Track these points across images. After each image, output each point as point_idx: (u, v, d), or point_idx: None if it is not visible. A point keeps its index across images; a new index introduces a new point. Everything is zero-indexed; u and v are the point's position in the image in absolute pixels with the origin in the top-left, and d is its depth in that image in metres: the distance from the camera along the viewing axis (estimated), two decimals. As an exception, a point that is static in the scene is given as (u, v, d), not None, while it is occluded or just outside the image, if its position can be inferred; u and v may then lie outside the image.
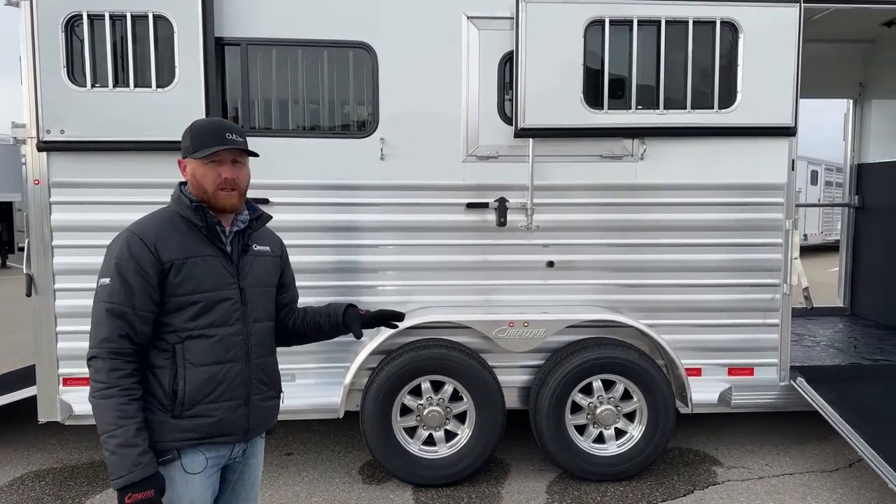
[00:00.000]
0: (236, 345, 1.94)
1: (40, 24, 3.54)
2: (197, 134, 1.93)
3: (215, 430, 1.91)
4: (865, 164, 5.84)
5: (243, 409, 1.96)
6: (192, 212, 1.91)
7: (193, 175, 1.92)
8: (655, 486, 3.82)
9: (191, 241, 1.90)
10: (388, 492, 3.77)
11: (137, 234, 1.85)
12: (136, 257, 1.82)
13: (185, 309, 1.87)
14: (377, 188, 3.83)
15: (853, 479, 3.93)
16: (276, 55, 3.79)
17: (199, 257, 1.89)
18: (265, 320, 2.06)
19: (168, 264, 1.84)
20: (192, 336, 1.87)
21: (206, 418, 1.89)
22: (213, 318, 1.89)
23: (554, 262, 3.92)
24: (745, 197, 3.94)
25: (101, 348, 1.80)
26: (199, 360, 1.88)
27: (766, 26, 3.78)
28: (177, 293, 1.86)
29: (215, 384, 1.89)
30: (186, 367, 1.87)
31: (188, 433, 1.87)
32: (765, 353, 4.03)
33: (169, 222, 1.91)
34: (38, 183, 3.69)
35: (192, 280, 1.87)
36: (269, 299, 2.09)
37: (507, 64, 3.80)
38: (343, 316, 2.22)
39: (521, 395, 3.97)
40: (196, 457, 1.90)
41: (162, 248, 1.84)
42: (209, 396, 1.88)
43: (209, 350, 1.89)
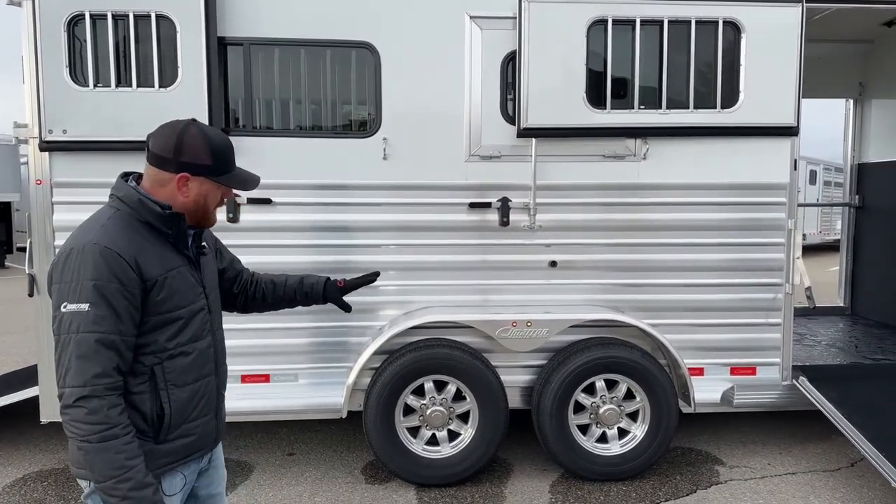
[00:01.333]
0: (210, 357, 1.84)
1: (42, 23, 3.53)
2: (221, 154, 1.76)
3: (195, 447, 1.82)
4: (865, 164, 5.85)
5: (214, 421, 1.89)
6: (164, 220, 1.72)
7: (205, 197, 1.77)
8: (658, 486, 3.82)
9: (163, 252, 1.73)
10: (391, 492, 3.77)
11: (113, 249, 1.61)
12: (118, 276, 1.60)
13: (166, 327, 1.71)
14: (380, 188, 3.83)
15: (855, 479, 3.94)
16: (279, 55, 3.79)
17: (174, 269, 1.73)
18: (221, 325, 1.98)
19: (151, 281, 1.67)
20: (171, 356, 1.73)
21: (188, 437, 1.78)
22: (191, 334, 1.77)
23: (556, 262, 3.92)
24: (747, 196, 3.94)
25: (95, 385, 1.57)
26: (182, 380, 1.75)
27: (768, 26, 3.79)
28: (160, 311, 1.69)
29: (196, 402, 1.80)
30: (169, 389, 1.73)
31: (171, 456, 1.76)
32: (767, 352, 4.03)
33: (135, 231, 1.69)
34: (40, 183, 3.68)
35: (174, 295, 1.72)
36: (220, 301, 2.01)
37: (509, 64, 3.80)
38: (324, 292, 2.20)
39: (523, 394, 3.98)
40: (174, 478, 1.79)
41: (143, 263, 1.65)
42: (191, 415, 1.79)
43: (189, 367, 1.77)
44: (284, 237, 3.81)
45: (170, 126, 1.73)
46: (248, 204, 3.77)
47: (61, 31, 3.55)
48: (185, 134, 1.71)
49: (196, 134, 1.72)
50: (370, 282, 2.34)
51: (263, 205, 3.78)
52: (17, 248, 14.11)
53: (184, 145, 1.71)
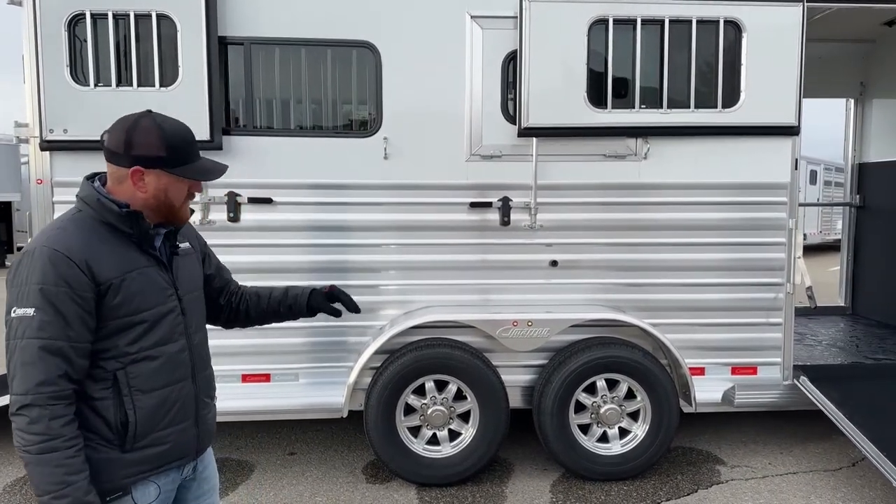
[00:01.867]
0: (182, 362, 1.75)
1: (43, 23, 3.53)
2: (176, 144, 1.66)
3: (169, 456, 1.73)
4: (866, 164, 5.85)
5: (193, 429, 1.79)
6: (122, 219, 1.64)
7: (164, 192, 1.67)
8: (659, 486, 3.82)
9: (123, 253, 1.64)
10: (392, 491, 3.77)
11: (62, 252, 1.54)
12: (67, 280, 1.53)
13: (126, 331, 1.63)
14: (380, 187, 3.83)
15: (856, 478, 3.93)
16: (280, 54, 3.79)
17: (135, 271, 1.64)
18: (202, 328, 1.88)
19: (105, 285, 1.58)
20: (135, 360, 1.64)
21: (160, 446, 1.70)
22: (157, 337, 1.68)
23: (557, 262, 3.92)
24: (748, 196, 3.94)
25: (37, 394, 1.50)
26: (148, 386, 1.66)
27: (769, 25, 3.79)
28: (117, 315, 1.61)
29: (167, 409, 1.70)
30: (134, 395, 1.64)
31: (140, 466, 1.67)
32: (768, 352, 4.03)
33: (94, 234, 1.62)
34: (41, 182, 3.68)
35: (134, 298, 1.63)
36: (202, 302, 1.91)
37: (510, 63, 3.80)
38: (309, 302, 2.09)
39: (524, 394, 3.97)
40: (147, 488, 1.70)
41: (95, 266, 1.57)
42: (162, 422, 1.69)
43: (157, 373, 1.68)
44: (285, 237, 3.81)
45: (122, 120, 1.66)
46: (249, 203, 3.77)
47: (62, 30, 3.55)
48: (136, 126, 1.63)
49: (148, 126, 1.64)
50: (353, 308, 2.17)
51: (264, 204, 3.78)
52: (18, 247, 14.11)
53: (135, 138, 1.63)
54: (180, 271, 1.80)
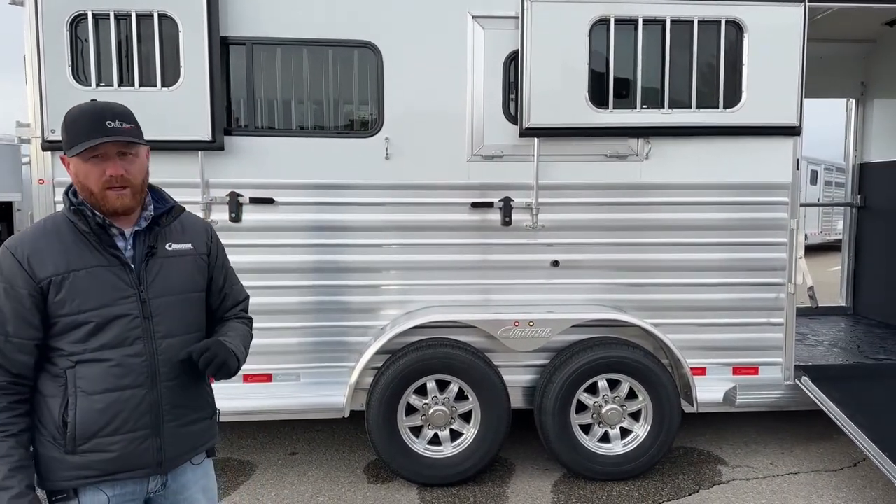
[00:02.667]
0: (136, 368, 1.66)
1: (45, 23, 3.53)
2: (71, 124, 1.62)
3: (115, 466, 1.65)
4: (867, 164, 5.84)
5: (152, 440, 1.69)
6: (75, 215, 1.63)
7: (76, 175, 1.63)
8: (661, 486, 3.82)
9: (75, 251, 1.62)
10: (394, 491, 3.77)
11: (10, 249, 1.58)
12: (7, 276, 1.57)
13: (72, 331, 1.60)
14: (382, 188, 3.83)
15: (858, 479, 3.93)
16: (281, 55, 3.79)
17: (83, 270, 1.61)
18: (183, 333, 1.76)
19: (45, 281, 1.57)
20: (82, 360, 1.61)
21: (104, 453, 1.64)
22: (105, 340, 1.62)
23: (559, 262, 3.92)
24: (749, 196, 3.94)
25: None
26: (92, 388, 1.62)
27: (770, 25, 3.79)
28: (60, 313, 1.59)
29: (112, 415, 1.63)
30: (78, 396, 1.61)
31: (83, 471, 1.63)
32: (769, 352, 4.03)
33: (52, 232, 1.63)
34: (42, 182, 3.68)
35: (76, 297, 1.59)
36: (189, 308, 1.79)
37: (512, 63, 3.80)
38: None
39: (526, 394, 3.97)
40: (96, 495, 1.66)
41: (36, 262, 1.57)
42: (105, 429, 1.63)
43: (103, 376, 1.62)
44: (287, 237, 3.81)
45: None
46: (251, 203, 3.77)
47: (64, 30, 3.55)
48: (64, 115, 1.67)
49: (68, 111, 1.67)
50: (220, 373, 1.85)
51: (266, 204, 3.78)
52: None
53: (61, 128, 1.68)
54: (160, 273, 1.72)
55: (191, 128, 3.59)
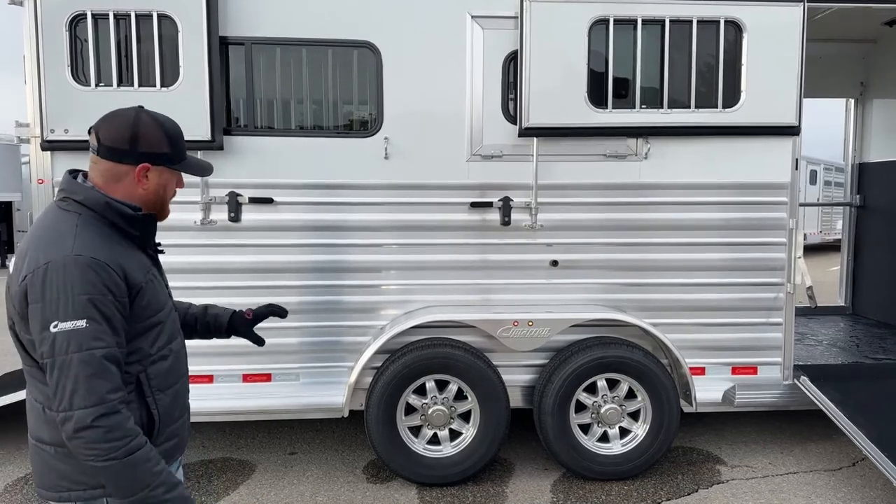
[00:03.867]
0: (182, 357, 1.80)
1: (44, 23, 3.53)
2: (177, 141, 1.70)
3: (178, 449, 1.77)
4: (867, 164, 5.85)
5: (187, 415, 1.84)
6: (136, 222, 1.64)
7: (164, 187, 1.70)
8: (660, 485, 3.82)
9: (137, 256, 1.66)
10: (393, 491, 3.77)
11: (101, 259, 1.52)
12: (110, 287, 1.52)
13: (148, 332, 1.65)
14: (381, 187, 3.83)
15: (857, 478, 3.94)
16: (280, 54, 3.79)
17: (150, 272, 1.68)
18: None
19: (136, 288, 1.60)
20: (153, 360, 1.66)
21: (174, 439, 1.74)
22: (167, 335, 1.71)
23: (558, 262, 3.92)
24: (748, 196, 3.94)
25: (110, 402, 1.49)
26: (164, 384, 1.69)
27: (769, 25, 3.79)
28: (143, 317, 1.63)
29: (178, 403, 1.75)
30: (156, 395, 1.66)
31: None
32: (768, 351, 4.04)
33: (107, 237, 1.60)
34: (42, 182, 3.68)
35: (155, 299, 1.66)
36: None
37: (511, 63, 3.80)
38: (230, 324, 2.06)
39: (525, 394, 3.98)
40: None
41: (128, 270, 1.58)
42: (175, 416, 1.73)
43: (170, 370, 1.71)
44: (286, 237, 3.81)
45: (120, 116, 1.63)
46: (250, 203, 3.77)
47: (63, 30, 3.55)
48: (140, 122, 1.63)
49: (150, 122, 1.64)
50: (278, 314, 2.17)
51: (265, 204, 3.78)
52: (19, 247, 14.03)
53: (140, 134, 1.62)
54: (161, 268, 1.85)
55: (190, 128, 3.55)
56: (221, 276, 3.78)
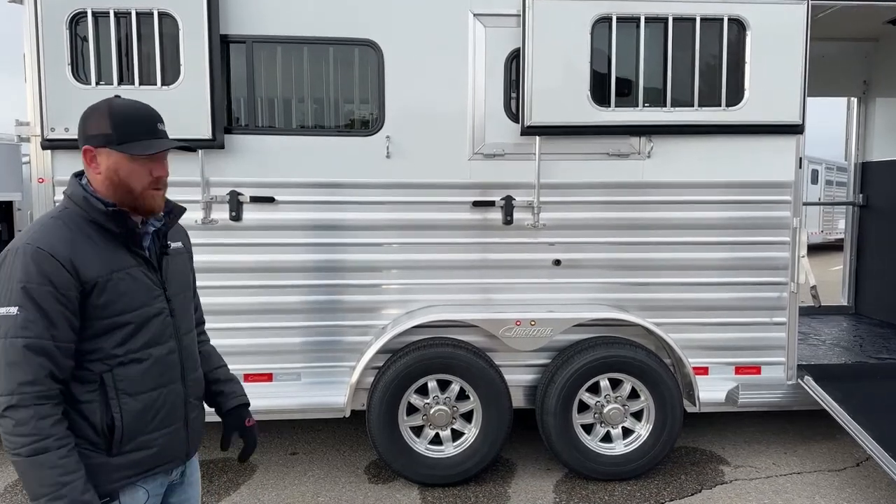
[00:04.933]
0: (171, 365, 1.71)
1: (44, 21, 3.51)
2: (123, 121, 1.60)
3: (157, 460, 1.69)
4: (870, 163, 5.83)
5: (183, 432, 1.76)
6: (108, 217, 1.60)
7: (115, 172, 1.60)
8: (663, 486, 3.80)
9: (110, 252, 1.60)
10: (395, 491, 3.76)
11: (46, 250, 1.50)
12: (50, 278, 1.49)
13: (112, 333, 1.59)
14: (383, 186, 3.81)
15: (861, 478, 3.92)
16: (282, 53, 3.77)
17: (122, 271, 1.61)
18: (191, 329, 1.83)
19: (90, 284, 1.54)
20: (122, 363, 1.61)
21: (147, 450, 1.66)
22: (145, 339, 1.64)
23: (560, 261, 3.91)
24: (752, 195, 3.92)
25: (22, 394, 1.45)
26: (135, 389, 1.63)
27: (773, 23, 3.77)
28: (102, 316, 1.57)
29: (155, 412, 1.67)
30: (120, 398, 1.60)
31: (127, 470, 1.64)
32: (772, 351, 4.01)
33: (79, 232, 1.57)
34: (42, 181, 3.67)
35: (120, 299, 1.59)
36: (190, 304, 1.85)
37: (513, 61, 3.78)
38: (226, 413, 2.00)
39: (527, 394, 3.96)
40: (135, 493, 1.67)
41: (80, 264, 1.53)
42: (149, 426, 1.66)
43: (144, 375, 1.64)
44: (287, 236, 3.79)
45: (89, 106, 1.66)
46: (251, 202, 3.75)
47: (63, 28, 3.53)
48: (94, 107, 1.63)
49: (101, 106, 1.62)
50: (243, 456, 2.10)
51: (266, 203, 3.76)
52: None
53: (89, 118, 1.62)
54: (170, 272, 1.76)
55: (191, 126, 3.57)
56: (223, 275, 3.76)
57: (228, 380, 2.04)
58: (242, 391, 2.05)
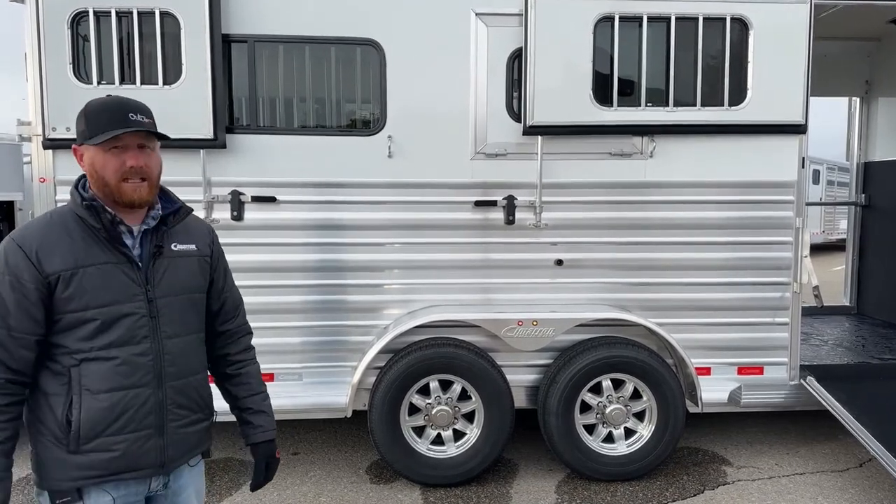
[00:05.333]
0: (143, 367, 1.66)
1: (46, 20, 3.51)
2: (93, 115, 1.62)
3: (120, 465, 1.65)
4: (872, 163, 5.82)
5: (156, 440, 1.69)
6: (86, 211, 1.61)
7: (92, 165, 1.63)
8: (665, 486, 3.79)
9: (84, 247, 1.60)
10: (397, 491, 3.75)
11: (16, 242, 1.56)
12: (13, 269, 1.54)
13: (77, 328, 1.59)
14: (384, 186, 3.80)
15: (864, 479, 3.91)
16: (283, 52, 3.76)
17: (92, 266, 1.60)
18: (186, 334, 1.77)
19: (54, 276, 1.56)
20: (88, 359, 1.59)
21: (108, 453, 1.63)
22: (112, 338, 1.61)
23: (562, 261, 3.90)
24: (754, 195, 3.91)
25: None
26: (98, 387, 1.60)
27: (776, 23, 3.76)
28: (67, 309, 1.57)
29: (117, 414, 1.62)
30: (83, 395, 1.59)
31: (88, 470, 1.62)
32: (775, 351, 4.00)
33: (59, 225, 1.61)
34: (43, 181, 3.66)
35: (85, 294, 1.58)
36: (192, 309, 1.80)
37: (515, 61, 3.77)
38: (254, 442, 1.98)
39: (529, 394, 3.95)
40: (101, 496, 1.65)
41: (45, 256, 1.55)
42: (110, 427, 1.62)
43: (109, 374, 1.61)
44: (289, 235, 3.79)
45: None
46: (253, 202, 3.75)
47: (65, 28, 3.53)
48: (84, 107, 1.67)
49: (84, 106, 1.66)
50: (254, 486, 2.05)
51: (268, 203, 3.75)
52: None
53: (76, 121, 1.67)
54: (166, 272, 1.72)
55: (193, 126, 3.57)
56: (224, 275, 3.74)
57: (260, 412, 1.98)
58: (272, 424, 2.01)
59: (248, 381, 1.98)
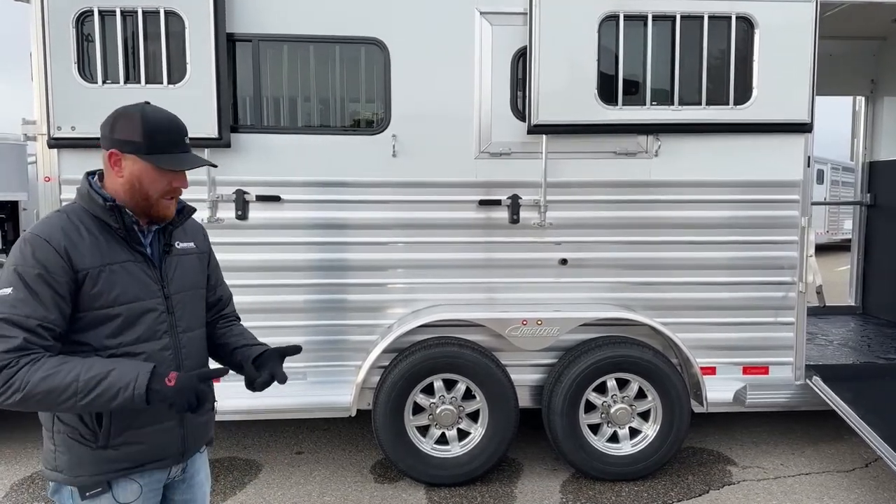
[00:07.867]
0: (165, 361, 1.71)
1: (51, 20, 3.51)
2: (154, 132, 1.65)
3: (147, 456, 1.71)
4: (877, 162, 5.80)
5: (178, 430, 1.76)
6: (107, 212, 1.65)
7: (139, 179, 1.65)
8: (670, 486, 3.78)
9: (105, 245, 1.65)
10: (401, 491, 3.74)
11: (43, 237, 1.57)
12: (43, 263, 1.55)
13: (104, 324, 1.63)
14: (389, 185, 3.80)
15: (870, 479, 3.89)
16: (288, 51, 3.76)
17: (116, 264, 1.64)
18: (196, 328, 1.84)
19: (83, 272, 1.59)
20: (116, 355, 1.63)
21: (137, 445, 1.69)
22: (138, 333, 1.67)
23: (567, 260, 3.89)
24: (760, 194, 3.90)
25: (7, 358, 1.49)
26: None
27: (781, 21, 3.75)
28: (94, 306, 1.61)
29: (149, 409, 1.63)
30: None
31: (117, 463, 1.67)
32: (780, 351, 3.99)
33: (79, 223, 1.64)
34: (48, 180, 3.66)
35: (112, 290, 1.63)
36: (198, 304, 1.88)
37: (520, 60, 3.77)
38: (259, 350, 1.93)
39: (534, 393, 3.94)
40: (129, 485, 1.71)
41: (74, 253, 1.59)
42: (138, 420, 1.68)
43: None
44: (293, 234, 3.79)
45: (118, 108, 1.70)
46: (257, 201, 3.75)
47: (70, 27, 3.53)
48: (124, 112, 1.67)
49: (134, 112, 1.66)
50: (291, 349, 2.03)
51: (272, 202, 3.75)
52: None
53: (118, 122, 1.66)
54: (175, 270, 1.79)
55: (197, 125, 3.57)
56: (228, 274, 3.67)
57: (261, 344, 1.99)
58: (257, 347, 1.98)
59: (242, 332, 2.02)
